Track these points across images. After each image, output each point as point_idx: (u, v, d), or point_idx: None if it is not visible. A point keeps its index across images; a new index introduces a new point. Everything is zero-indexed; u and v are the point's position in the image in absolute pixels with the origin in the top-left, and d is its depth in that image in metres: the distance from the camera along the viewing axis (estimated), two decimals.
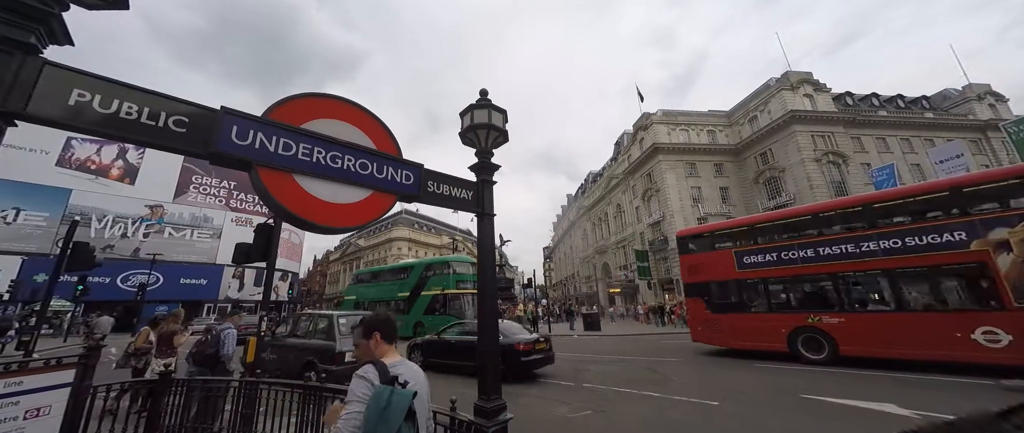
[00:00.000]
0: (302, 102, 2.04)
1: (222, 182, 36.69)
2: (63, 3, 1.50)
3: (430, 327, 15.52)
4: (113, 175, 31.08)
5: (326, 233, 2.05)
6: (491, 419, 2.33)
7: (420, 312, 18.20)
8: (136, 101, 1.58)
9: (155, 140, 1.59)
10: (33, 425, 3.45)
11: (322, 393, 3.73)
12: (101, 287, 25.54)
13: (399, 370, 1.47)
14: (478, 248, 2.87)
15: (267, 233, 6.15)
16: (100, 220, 29.52)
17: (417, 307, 18.58)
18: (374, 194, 2.20)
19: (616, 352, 13.01)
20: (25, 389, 3.42)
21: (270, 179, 1.82)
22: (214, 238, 34.81)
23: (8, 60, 1.35)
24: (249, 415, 3.98)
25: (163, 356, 5.50)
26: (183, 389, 4.32)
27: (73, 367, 3.83)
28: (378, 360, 1.49)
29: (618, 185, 43.11)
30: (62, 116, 1.42)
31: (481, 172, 2.91)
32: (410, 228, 69.85)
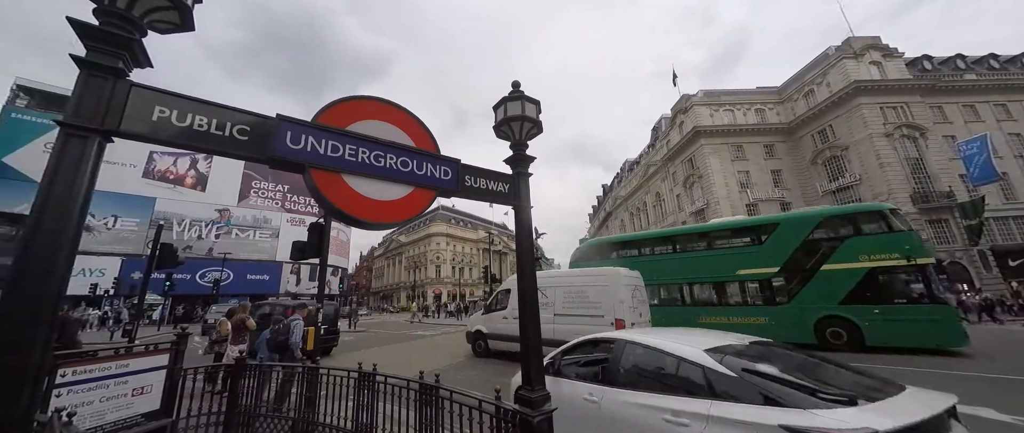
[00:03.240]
0: (346, 105, 2.16)
1: (277, 186, 39.88)
2: (143, 30, 1.68)
3: (880, 327, 9.15)
4: (188, 183, 34.84)
5: (372, 229, 2.16)
6: (536, 408, 2.35)
7: (826, 299, 10.11)
8: (205, 114, 1.74)
9: (222, 148, 1.75)
10: (139, 401, 3.99)
11: (375, 379, 3.98)
12: (183, 283, 28.90)
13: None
14: (516, 240, 2.88)
15: (319, 231, 6.61)
16: (179, 224, 33.28)
17: (819, 290, 10.26)
18: (415, 190, 2.28)
19: None
20: (132, 370, 3.96)
21: (321, 179, 1.94)
22: (273, 237, 38.02)
23: (103, 84, 1.54)
24: (312, 398, 4.34)
25: (237, 343, 6.14)
26: (256, 372, 4.78)
27: (167, 352, 4.37)
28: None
29: (656, 173, 41.29)
30: (148, 131, 1.60)
31: (516, 164, 2.91)
32: (447, 223, 71.75)
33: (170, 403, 4.27)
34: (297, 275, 38.27)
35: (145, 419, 4.02)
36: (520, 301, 2.76)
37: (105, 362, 3.83)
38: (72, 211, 1.41)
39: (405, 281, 69.24)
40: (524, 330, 2.60)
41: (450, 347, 14.05)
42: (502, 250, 62.79)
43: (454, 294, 57.85)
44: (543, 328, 10.84)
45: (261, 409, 4.61)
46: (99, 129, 1.48)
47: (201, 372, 4.94)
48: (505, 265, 71.99)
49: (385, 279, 79.89)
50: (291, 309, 7.84)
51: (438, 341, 16.72)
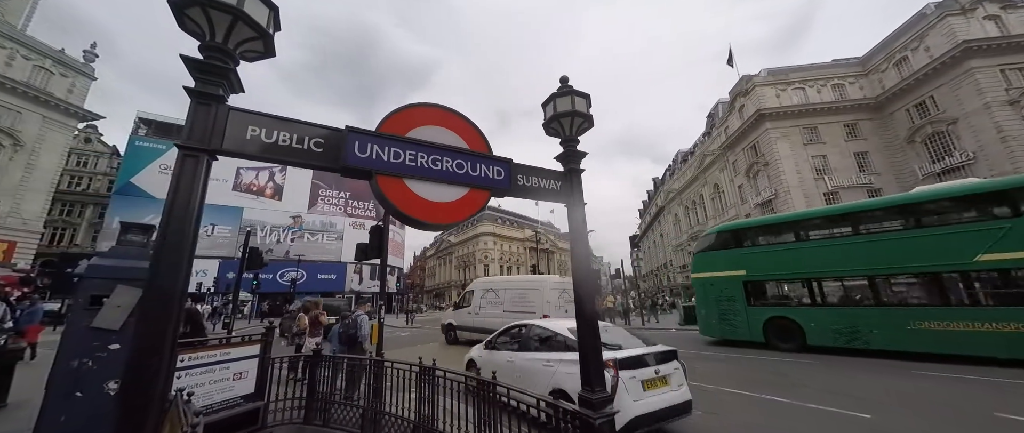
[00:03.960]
0: (405, 113, 2.28)
1: (340, 192, 43.45)
2: (236, 59, 1.91)
3: None
4: (267, 194, 39.28)
5: (432, 229, 2.25)
6: (598, 410, 2.30)
7: None
8: (287, 130, 1.94)
9: (302, 160, 1.94)
10: (238, 385, 4.56)
11: (434, 373, 4.16)
12: (267, 282, 32.61)
13: None
14: (570, 240, 2.83)
15: (379, 234, 7.07)
16: (261, 230, 37.63)
17: None
18: (471, 191, 2.34)
19: (722, 346, 11.69)
20: (232, 358, 4.55)
21: (386, 184, 2.07)
22: (338, 240, 41.51)
23: (209, 110, 1.78)
24: (378, 389, 4.65)
25: (313, 336, 6.78)
26: (330, 363, 5.25)
27: (259, 343, 4.95)
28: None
29: (714, 163, 38.28)
30: (243, 148, 1.82)
31: (568, 161, 2.86)
32: (494, 223, 72.93)
33: (262, 387, 4.83)
34: (360, 274, 41.39)
35: (243, 400, 4.60)
36: (577, 303, 2.71)
37: (212, 350, 4.45)
38: (190, 220, 1.65)
39: (456, 280, 71.69)
40: (582, 333, 2.55)
41: None
42: (549, 249, 62.41)
43: None
44: (495, 320, 10.71)
45: (335, 397, 5.05)
46: (207, 149, 1.72)
47: (285, 362, 5.55)
48: (552, 263, 71.50)
49: (437, 278, 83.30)
50: (363, 305, 8.46)
51: None
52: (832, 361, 8.74)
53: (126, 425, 1.44)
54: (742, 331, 11.02)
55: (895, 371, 7.43)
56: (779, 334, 10.30)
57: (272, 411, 5.01)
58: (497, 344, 6.13)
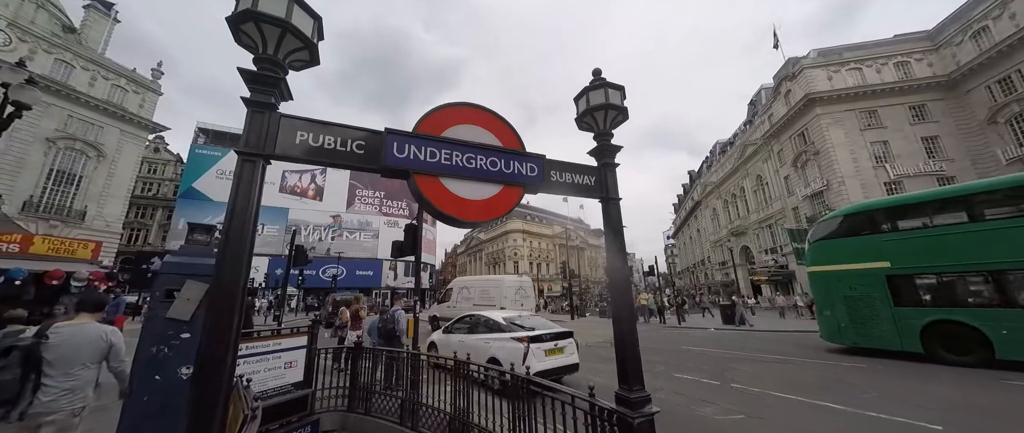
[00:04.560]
0: (440, 113, 2.33)
1: (375, 193, 45.30)
2: (285, 69, 2.04)
3: None
4: (309, 195, 41.71)
5: (467, 226, 2.30)
6: (636, 409, 2.24)
7: None
8: (332, 134, 2.05)
9: (346, 162, 2.04)
10: (288, 373, 4.88)
11: (469, 368, 4.24)
12: (311, 278, 34.68)
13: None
14: (605, 236, 2.77)
15: (413, 232, 7.31)
16: (305, 229, 40.03)
17: None
18: (504, 188, 2.35)
19: (770, 350, 11.03)
20: (283, 348, 4.88)
21: (423, 183, 2.13)
22: (374, 238, 43.33)
23: (262, 118, 1.91)
24: (416, 380, 4.82)
25: (355, 329, 7.15)
26: (371, 355, 5.50)
27: (306, 334, 5.28)
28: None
29: (756, 153, 35.97)
30: (293, 152, 1.94)
31: (602, 155, 2.80)
32: (523, 220, 72.99)
33: (310, 376, 5.15)
34: (395, 271, 43.00)
35: (294, 388, 4.92)
36: (613, 300, 2.66)
37: (266, 341, 4.79)
38: (249, 219, 1.78)
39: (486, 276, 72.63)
40: (619, 330, 2.50)
41: None
42: (579, 245, 61.53)
43: None
44: (467, 311, 10.43)
45: (376, 387, 5.29)
46: (262, 154, 1.85)
47: (329, 353, 5.89)
48: (582, 260, 70.46)
49: (468, 274, 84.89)
50: (402, 301, 8.88)
51: None
52: (905, 367, 8.00)
53: (200, 405, 1.60)
54: (888, 338, 8.80)
55: (981, 380, 6.67)
56: (948, 344, 8.06)
57: (319, 398, 5.34)
58: (453, 329, 7.93)
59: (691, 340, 13.94)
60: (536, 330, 6.57)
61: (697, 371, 8.33)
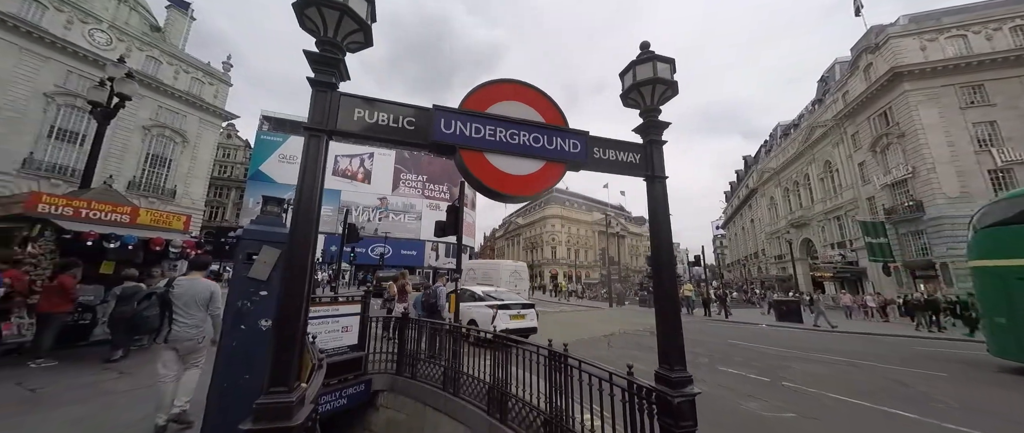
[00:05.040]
0: (485, 90, 2.38)
1: (418, 177, 47.08)
2: (343, 50, 2.18)
3: None
4: (359, 178, 44.30)
5: (510, 201, 2.36)
6: (676, 388, 2.23)
7: None
8: (385, 111, 2.18)
9: (398, 137, 2.17)
10: (345, 336, 5.38)
11: (507, 342, 4.41)
12: (361, 255, 37.22)
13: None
14: (649, 216, 2.70)
15: (455, 212, 7.56)
16: (355, 209, 42.73)
17: None
18: (547, 165, 2.37)
19: (829, 351, 10.21)
20: (340, 313, 5.37)
21: (469, 158, 2.22)
22: (417, 220, 45.35)
23: (325, 97, 2.07)
24: (457, 351, 5.10)
25: (402, 302, 7.65)
26: (416, 325, 5.89)
27: (359, 303, 5.74)
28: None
29: (826, 136, 32.27)
30: (352, 128, 2.10)
31: (648, 132, 2.70)
32: (561, 206, 72.20)
33: (363, 340, 5.64)
34: (436, 252, 44.85)
35: (349, 350, 5.43)
36: (656, 280, 2.62)
37: (326, 306, 5.30)
38: (316, 190, 1.98)
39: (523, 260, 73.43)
40: (662, 310, 2.46)
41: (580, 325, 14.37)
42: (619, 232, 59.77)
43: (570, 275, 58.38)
44: (475, 290, 10.68)
45: (421, 355, 5.67)
46: (325, 129, 2.02)
47: (379, 321, 6.38)
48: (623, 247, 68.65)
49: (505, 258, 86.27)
50: (444, 278, 9.47)
51: (559, 317, 17.33)
52: (972, 374, 7.08)
53: (281, 351, 1.84)
54: None
55: None
56: None
57: (371, 361, 5.84)
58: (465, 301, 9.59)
59: (739, 335, 13.24)
60: (504, 301, 9.14)
61: (745, 366, 7.96)
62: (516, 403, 4.17)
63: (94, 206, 7.09)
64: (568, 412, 3.46)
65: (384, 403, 5.79)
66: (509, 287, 15.21)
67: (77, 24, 26.21)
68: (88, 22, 26.81)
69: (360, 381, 5.40)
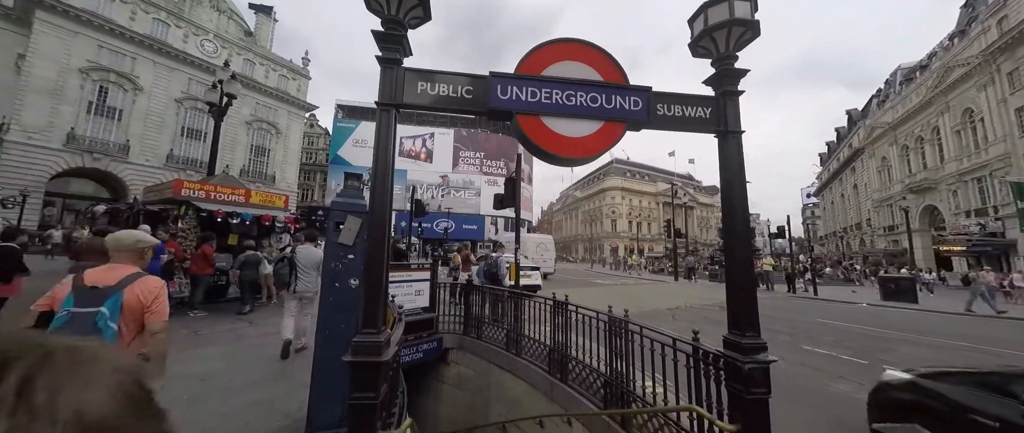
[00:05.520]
0: (540, 52, 2.35)
1: (476, 154, 48.26)
2: (405, 27, 2.30)
3: None
4: (421, 157, 46.82)
5: (567, 164, 2.36)
6: (747, 354, 2.13)
7: None
8: (445, 81, 2.28)
9: (458, 106, 2.28)
10: (418, 299, 5.93)
11: (566, 308, 4.51)
12: (427, 229, 39.93)
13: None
14: (721, 176, 2.49)
15: (512, 184, 7.69)
16: (420, 188, 45.55)
17: None
18: (605, 125, 2.30)
19: (951, 335, 8.66)
20: (413, 279, 5.92)
21: (525, 123, 2.24)
22: (476, 196, 46.97)
23: (392, 73, 2.23)
24: (518, 316, 5.36)
25: (465, 271, 8.17)
26: (479, 292, 6.28)
27: (429, 270, 6.26)
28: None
29: (969, 77, 25.65)
30: (417, 100, 2.25)
31: (722, 82, 2.44)
32: (622, 177, 68.90)
33: (433, 303, 6.19)
34: (495, 226, 46.31)
35: (423, 311, 6.01)
36: (726, 244, 2.45)
37: (400, 272, 5.89)
38: (390, 161, 2.19)
39: (582, 234, 72.33)
40: (733, 275, 2.32)
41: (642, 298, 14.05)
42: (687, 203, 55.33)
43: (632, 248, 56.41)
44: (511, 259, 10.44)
45: (485, 319, 6.07)
46: (394, 103, 2.20)
47: (446, 287, 6.91)
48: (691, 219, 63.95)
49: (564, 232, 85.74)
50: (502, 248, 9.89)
51: (619, 291, 17.03)
52: None
53: (370, 304, 2.14)
54: None
55: None
56: None
57: (441, 323, 6.42)
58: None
59: (830, 314, 11.80)
60: (523, 266, 10.32)
61: (835, 346, 7.15)
62: (576, 365, 4.31)
63: (219, 189, 8.60)
64: (628, 375, 3.50)
65: (454, 359, 6.37)
66: (536, 257, 18.69)
67: (191, 37, 30.76)
68: (199, 34, 31.30)
69: (433, 339, 5.99)
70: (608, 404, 3.68)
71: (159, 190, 10.13)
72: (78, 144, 24.54)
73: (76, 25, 24.72)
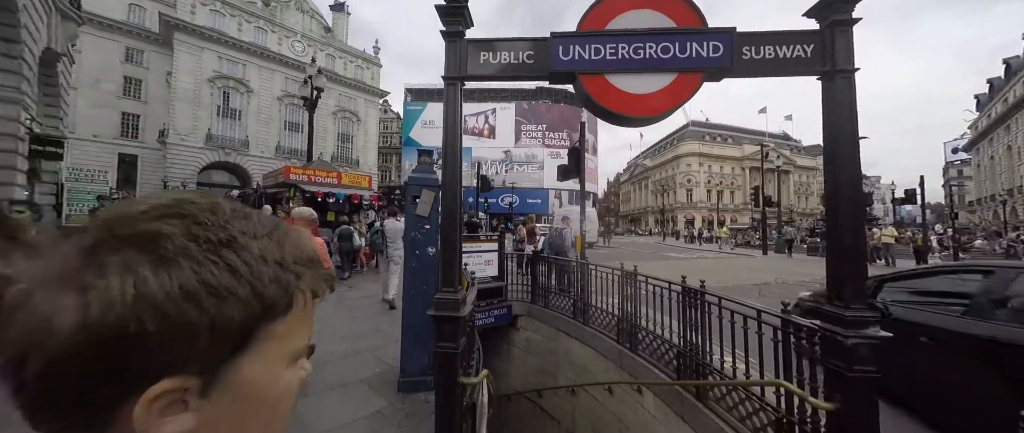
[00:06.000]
0: (603, 5, 2.19)
1: (537, 127, 47.61)
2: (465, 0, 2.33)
3: None
4: (485, 134, 47.75)
5: (637, 125, 2.23)
6: (851, 328, 1.88)
7: None
8: (506, 48, 2.28)
9: (520, 72, 2.28)
10: (488, 268, 6.26)
11: (636, 278, 4.39)
12: (492, 205, 41.25)
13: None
14: (825, 126, 2.12)
15: (576, 154, 7.49)
16: (484, 164, 46.77)
17: None
18: (679, 77, 2.10)
19: None
20: (483, 249, 6.25)
21: (589, 84, 2.16)
22: (539, 169, 46.76)
23: (455, 46, 2.30)
24: (585, 286, 5.38)
25: (531, 243, 8.36)
26: (545, 262, 6.41)
27: (496, 242, 6.54)
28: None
29: None
30: (480, 71, 2.30)
31: (830, 10, 2.03)
32: (700, 141, 62.32)
33: (502, 273, 6.49)
34: (560, 200, 45.92)
35: (492, 280, 6.36)
36: (829, 204, 2.13)
37: (472, 243, 6.26)
38: (458, 132, 2.31)
39: (652, 205, 68.06)
40: (836, 237, 2.03)
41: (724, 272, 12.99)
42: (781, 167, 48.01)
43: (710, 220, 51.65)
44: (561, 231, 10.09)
45: (552, 288, 6.21)
46: (459, 76, 2.28)
47: (513, 258, 7.17)
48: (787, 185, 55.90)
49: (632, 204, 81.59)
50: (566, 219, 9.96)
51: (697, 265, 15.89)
52: None
53: (447, 266, 2.36)
54: None
55: None
56: None
57: (509, 291, 6.74)
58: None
59: None
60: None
61: None
62: (646, 335, 4.22)
63: (317, 173, 9.91)
64: (705, 348, 3.33)
65: (523, 325, 6.69)
66: (576, 225, 22.02)
67: (284, 40, 34.79)
68: (289, 36, 35.23)
69: (502, 306, 6.34)
70: (681, 375, 3.57)
71: (273, 176, 12.06)
72: (214, 142, 30.05)
73: (202, 41, 29.59)
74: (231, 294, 0.30)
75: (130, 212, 0.30)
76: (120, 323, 0.26)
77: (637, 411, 4.24)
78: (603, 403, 4.86)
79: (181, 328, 0.27)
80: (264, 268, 0.32)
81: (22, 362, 0.25)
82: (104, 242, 0.29)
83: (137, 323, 0.26)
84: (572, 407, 5.52)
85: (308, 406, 3.17)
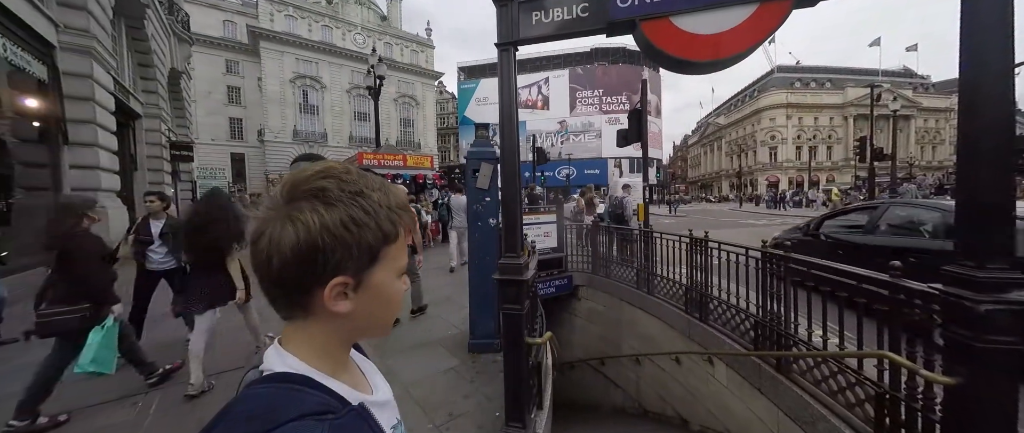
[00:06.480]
0: None
1: (594, 92, 45.13)
2: None
3: None
4: (538, 106, 46.72)
5: (710, 70, 2.02)
6: (984, 292, 1.57)
7: None
8: (559, 4, 2.19)
9: (575, 29, 2.17)
10: (548, 239, 6.34)
11: (707, 245, 4.10)
12: (549, 178, 40.87)
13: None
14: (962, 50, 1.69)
15: (637, 116, 7.03)
16: (539, 136, 46.09)
17: None
18: (760, 7, 1.82)
19: None
20: (541, 221, 6.31)
21: (651, 30, 1.98)
22: (597, 138, 44.75)
23: (506, 11, 2.27)
24: (649, 253, 5.17)
25: (590, 214, 8.19)
26: (606, 232, 6.27)
27: (554, 214, 6.54)
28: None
29: None
30: (533, 32, 2.25)
31: None
32: (788, 89, 53.95)
33: (561, 244, 6.52)
34: (620, 169, 43.73)
35: (552, 251, 6.42)
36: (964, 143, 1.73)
37: (529, 216, 6.34)
38: (513, 98, 2.31)
39: (726, 168, 61.64)
40: (969, 184, 1.67)
41: None
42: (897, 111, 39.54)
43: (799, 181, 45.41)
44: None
45: (613, 258, 6.08)
46: (512, 41, 2.26)
47: (573, 229, 7.12)
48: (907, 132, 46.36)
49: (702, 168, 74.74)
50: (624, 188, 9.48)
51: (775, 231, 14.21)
52: None
53: (509, 232, 2.45)
54: None
55: None
56: None
57: (569, 262, 6.76)
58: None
59: None
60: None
61: None
62: (718, 304, 3.98)
63: (386, 157, 10.71)
64: (787, 318, 3.05)
65: (584, 295, 6.71)
66: (620, 190, 21.27)
67: (347, 35, 37.11)
68: (351, 30, 37.46)
69: (563, 276, 6.41)
70: (759, 346, 3.33)
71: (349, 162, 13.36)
72: (299, 137, 33.91)
73: (282, 46, 32.92)
74: (366, 225, 0.45)
75: (303, 176, 0.47)
76: (314, 239, 0.42)
77: (708, 382, 4.08)
78: (669, 373, 4.76)
79: (344, 244, 0.44)
80: (381, 210, 0.47)
81: (269, 261, 0.43)
82: (293, 194, 0.45)
83: (322, 239, 0.42)
84: (636, 376, 5.50)
85: (397, 361, 3.63)
